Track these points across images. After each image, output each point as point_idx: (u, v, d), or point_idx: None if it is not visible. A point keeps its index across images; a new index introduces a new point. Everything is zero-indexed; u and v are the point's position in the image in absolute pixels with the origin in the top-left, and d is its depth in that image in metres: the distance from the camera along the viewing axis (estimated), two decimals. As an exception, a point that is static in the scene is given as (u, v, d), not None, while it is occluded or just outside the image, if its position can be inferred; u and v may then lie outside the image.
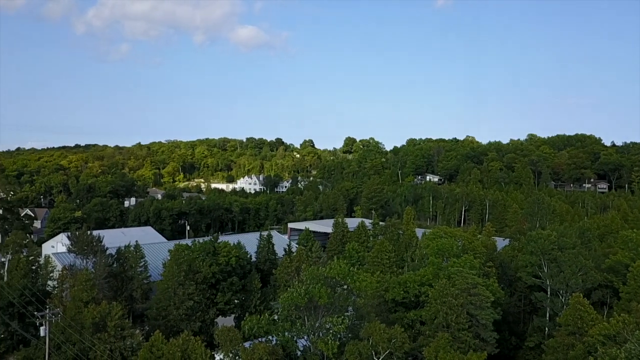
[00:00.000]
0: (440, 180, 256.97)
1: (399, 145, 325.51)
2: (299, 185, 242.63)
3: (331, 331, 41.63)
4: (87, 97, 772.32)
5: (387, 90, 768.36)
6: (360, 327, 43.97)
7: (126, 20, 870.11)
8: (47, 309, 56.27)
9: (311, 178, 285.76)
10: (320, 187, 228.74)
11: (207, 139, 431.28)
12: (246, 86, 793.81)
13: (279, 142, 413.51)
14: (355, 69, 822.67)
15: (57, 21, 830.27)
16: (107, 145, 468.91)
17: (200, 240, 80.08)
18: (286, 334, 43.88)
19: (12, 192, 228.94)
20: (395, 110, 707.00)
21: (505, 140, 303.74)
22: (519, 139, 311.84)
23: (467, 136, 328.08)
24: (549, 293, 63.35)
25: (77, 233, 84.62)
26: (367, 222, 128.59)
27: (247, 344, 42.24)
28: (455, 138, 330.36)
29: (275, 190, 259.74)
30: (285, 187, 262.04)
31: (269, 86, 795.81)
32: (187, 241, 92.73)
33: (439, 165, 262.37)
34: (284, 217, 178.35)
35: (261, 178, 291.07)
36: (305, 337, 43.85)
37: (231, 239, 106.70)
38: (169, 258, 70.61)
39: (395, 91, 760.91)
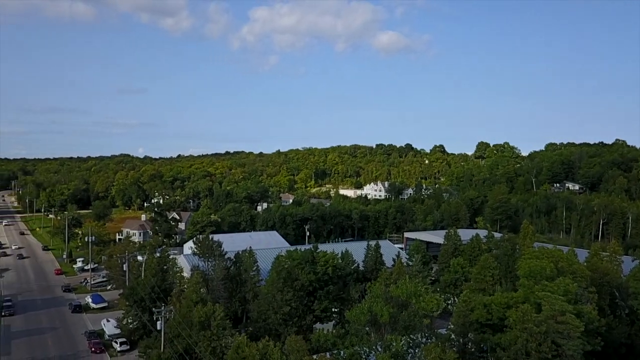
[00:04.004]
0: (581, 189, 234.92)
1: (536, 150, 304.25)
2: (423, 193, 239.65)
3: (393, 349, 43.03)
4: (238, 107, 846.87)
5: (527, 91, 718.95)
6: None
7: (275, 34, 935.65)
8: (163, 306, 65.27)
9: (436, 185, 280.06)
10: (445, 195, 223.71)
11: (339, 146, 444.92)
12: (381, 92, 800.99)
13: (409, 147, 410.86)
14: (494, 70, 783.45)
15: (215, 39, 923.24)
16: (251, 152, 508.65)
17: (301, 248, 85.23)
18: (355, 348, 46.17)
19: (167, 196, 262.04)
20: (534, 111, 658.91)
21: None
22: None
23: (617, 140, 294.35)
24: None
25: (200, 237, 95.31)
26: (483, 234, 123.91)
27: (315, 356, 45.42)
28: (601, 142, 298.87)
29: (400, 197, 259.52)
30: (410, 194, 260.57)
31: (404, 91, 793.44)
32: (307, 247, 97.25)
33: (580, 173, 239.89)
34: (404, 226, 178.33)
35: (386, 185, 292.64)
36: (372, 353, 45.73)
37: (339, 246, 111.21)
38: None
39: (536, 92, 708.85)
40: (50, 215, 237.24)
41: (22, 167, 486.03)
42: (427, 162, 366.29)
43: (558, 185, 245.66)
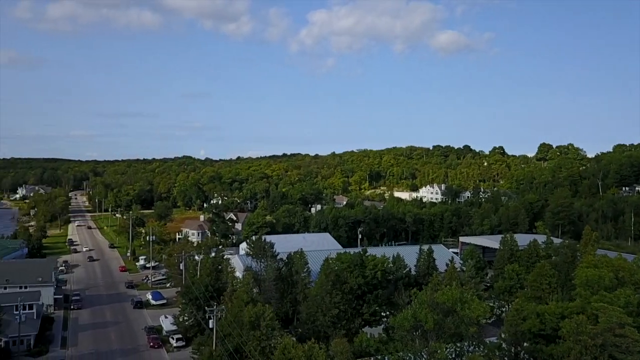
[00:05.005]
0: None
1: (603, 152, 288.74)
2: (480, 196, 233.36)
3: (437, 357, 42.65)
4: (296, 109, 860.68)
5: (593, 90, 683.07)
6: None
7: (333, 37, 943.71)
8: (215, 305, 67.60)
9: (495, 188, 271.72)
10: (503, 198, 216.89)
11: (394, 147, 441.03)
12: (439, 92, 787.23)
13: (467, 149, 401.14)
14: (558, 68, 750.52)
15: (275, 43, 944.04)
16: (307, 155, 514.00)
17: (352, 251, 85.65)
18: (399, 354, 46.11)
19: (225, 198, 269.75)
20: (601, 111, 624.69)
21: None
22: None
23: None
24: None
25: (253, 238, 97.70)
26: (542, 240, 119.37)
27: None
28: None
29: (457, 200, 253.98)
30: (467, 197, 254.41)
31: (462, 91, 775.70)
32: (358, 250, 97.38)
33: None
34: (459, 230, 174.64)
35: (443, 187, 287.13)
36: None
37: (390, 250, 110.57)
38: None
39: (603, 90, 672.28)
40: (117, 215, 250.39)
41: (93, 169, 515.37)
42: (485, 164, 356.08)
43: (627, 188, 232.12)
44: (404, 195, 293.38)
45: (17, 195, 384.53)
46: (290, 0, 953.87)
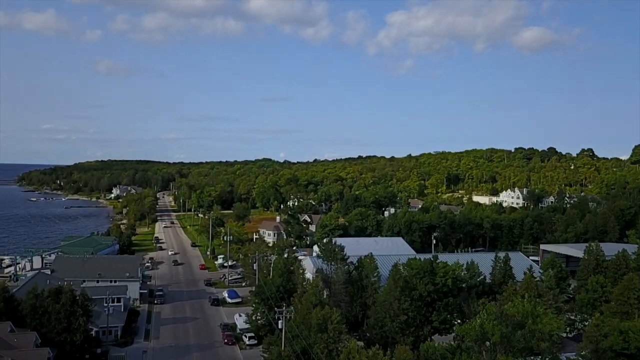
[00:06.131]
0: None
1: None
2: (565, 202, 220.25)
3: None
4: (372, 112, 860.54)
5: None
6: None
7: (411, 37, 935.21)
8: (284, 306, 69.49)
9: (582, 193, 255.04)
10: (591, 204, 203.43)
11: (474, 149, 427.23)
12: (522, 92, 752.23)
13: (552, 151, 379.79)
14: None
15: (352, 46, 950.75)
16: (383, 157, 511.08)
17: (423, 257, 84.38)
18: (465, 364, 45.15)
19: (300, 199, 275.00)
20: None
21: None
22: None
23: None
24: None
25: (324, 241, 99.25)
26: (632, 250, 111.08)
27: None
28: None
29: (539, 205, 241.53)
30: (551, 202, 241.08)
31: (548, 90, 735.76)
32: (429, 256, 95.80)
33: None
34: (541, 237, 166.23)
35: (525, 192, 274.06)
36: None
37: (464, 257, 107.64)
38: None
39: None
40: (199, 215, 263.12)
41: (179, 170, 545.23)
42: (572, 167, 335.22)
43: None
44: (483, 199, 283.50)
45: (112, 195, 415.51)
46: (368, 3, 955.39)
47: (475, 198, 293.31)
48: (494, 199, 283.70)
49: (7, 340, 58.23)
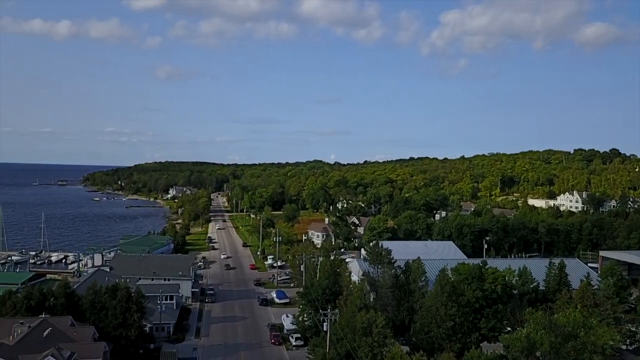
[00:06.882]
0: None
1: None
2: (629, 206, 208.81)
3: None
4: (425, 113, 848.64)
5: None
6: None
7: (465, 37, 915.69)
8: (329, 308, 69.88)
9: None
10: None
11: (530, 151, 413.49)
12: (583, 90, 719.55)
13: (615, 153, 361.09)
14: None
15: (405, 47, 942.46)
16: (435, 158, 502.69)
17: (473, 262, 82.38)
18: (511, 374, 43.99)
19: (349, 201, 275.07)
20: None
21: None
22: None
23: None
24: None
25: (371, 244, 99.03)
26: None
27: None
28: None
29: (600, 210, 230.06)
30: (613, 206, 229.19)
31: (611, 88, 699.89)
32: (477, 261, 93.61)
33: None
34: (601, 243, 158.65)
35: (584, 195, 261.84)
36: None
37: (517, 263, 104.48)
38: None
39: None
40: (251, 215, 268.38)
41: (233, 172, 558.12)
42: (637, 169, 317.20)
43: None
44: (540, 203, 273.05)
45: (169, 196, 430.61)
46: (421, 3, 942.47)
47: (531, 201, 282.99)
48: (551, 202, 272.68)
49: (67, 334, 61.73)
